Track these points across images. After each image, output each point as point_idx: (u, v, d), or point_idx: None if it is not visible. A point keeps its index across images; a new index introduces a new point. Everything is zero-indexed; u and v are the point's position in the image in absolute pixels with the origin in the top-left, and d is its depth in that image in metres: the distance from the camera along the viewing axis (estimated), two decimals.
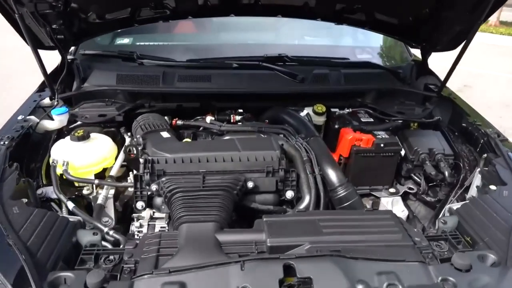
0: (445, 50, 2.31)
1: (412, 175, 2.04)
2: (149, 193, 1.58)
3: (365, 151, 1.94)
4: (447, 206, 1.56)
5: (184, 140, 1.89)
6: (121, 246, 1.33)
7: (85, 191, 1.75)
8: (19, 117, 1.90)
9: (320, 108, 2.20)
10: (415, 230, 1.40)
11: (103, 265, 1.24)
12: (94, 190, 1.76)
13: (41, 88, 2.23)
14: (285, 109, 2.10)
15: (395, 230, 1.32)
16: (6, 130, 1.80)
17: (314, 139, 1.84)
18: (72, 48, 2.44)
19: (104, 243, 1.37)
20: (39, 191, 1.70)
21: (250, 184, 1.58)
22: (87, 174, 1.78)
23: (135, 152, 1.70)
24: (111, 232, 1.43)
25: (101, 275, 1.12)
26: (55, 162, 1.73)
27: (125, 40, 2.50)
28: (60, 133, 2.00)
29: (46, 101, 2.15)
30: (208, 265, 1.16)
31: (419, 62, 2.54)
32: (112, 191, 1.76)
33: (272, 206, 1.63)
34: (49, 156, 1.81)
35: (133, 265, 1.21)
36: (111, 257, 1.27)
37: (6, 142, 1.66)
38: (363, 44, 2.65)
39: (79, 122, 2.04)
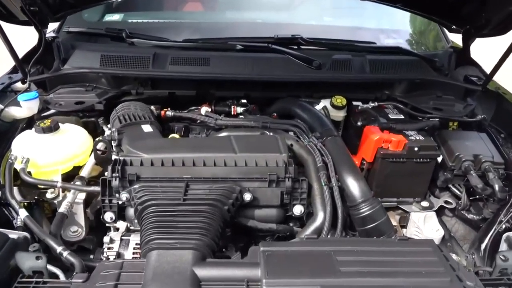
0: (493, 35, 1.89)
1: (451, 186, 1.66)
2: (120, 202, 1.25)
3: (394, 155, 1.56)
4: (505, 235, 1.18)
5: (170, 136, 1.55)
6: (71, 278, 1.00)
7: (48, 195, 1.44)
8: None
9: (340, 100, 1.83)
10: (466, 269, 1.04)
11: None
12: (61, 194, 1.44)
13: (15, 70, 1.92)
14: (297, 101, 1.74)
15: (440, 271, 0.96)
16: None
17: (332, 139, 1.48)
18: (56, 26, 2.15)
19: (53, 269, 1.05)
20: None
21: (247, 196, 1.23)
22: (52, 174, 1.46)
23: (105, 149, 1.36)
24: (65, 254, 1.12)
25: None
26: (12, 158, 1.42)
27: (115, 17, 2.16)
28: (31, 123, 1.69)
29: (19, 85, 1.85)
30: None
31: (459, 50, 2.13)
32: (82, 196, 1.44)
33: (276, 224, 1.28)
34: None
35: None
36: None
37: None
38: (390, 27, 2.25)
39: (52, 110, 1.72)
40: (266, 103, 1.86)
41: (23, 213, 1.26)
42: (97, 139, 1.39)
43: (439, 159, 1.66)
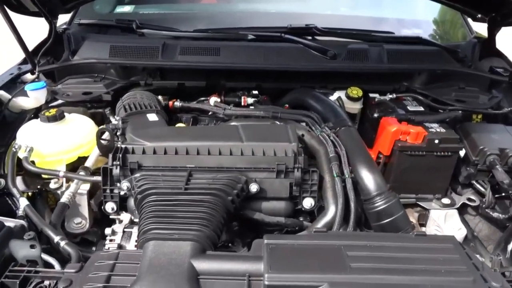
0: None
1: (474, 182, 1.55)
2: (121, 192, 1.21)
3: (413, 148, 1.47)
4: None
5: (177, 125, 1.49)
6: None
7: (52, 185, 1.41)
8: None
9: (356, 92, 1.74)
10: (491, 269, 0.94)
11: None
12: (64, 184, 1.41)
13: (25, 61, 1.91)
14: (310, 91, 1.66)
15: (462, 270, 0.87)
16: None
17: (345, 129, 1.39)
18: (69, 17, 2.14)
19: (48, 258, 1.01)
20: None
21: (253, 187, 1.16)
22: (57, 164, 1.43)
23: (108, 137, 1.31)
24: (62, 244, 1.07)
25: None
26: (16, 147, 1.39)
27: (126, 8, 2.14)
28: (38, 113, 1.67)
29: (29, 76, 1.84)
30: None
31: (483, 40, 2.01)
32: (85, 186, 1.40)
33: (284, 218, 1.21)
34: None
35: None
36: (46, 282, 0.90)
37: None
38: (411, 17, 2.14)
39: (59, 101, 1.70)
40: (279, 94, 1.79)
41: (23, 202, 1.23)
42: (100, 127, 1.34)
43: (462, 153, 1.56)
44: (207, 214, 1.02)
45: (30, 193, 1.43)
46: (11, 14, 1.64)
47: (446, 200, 1.56)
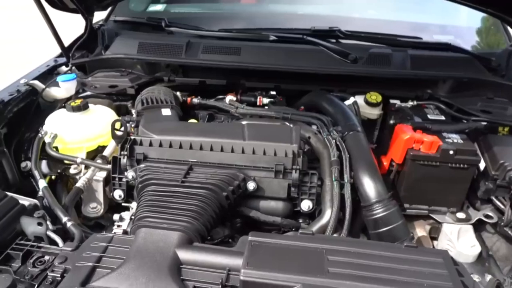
0: None
1: (493, 198, 1.47)
2: (127, 180, 1.27)
3: (426, 158, 1.42)
4: None
5: (189, 121, 1.54)
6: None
7: (72, 170, 1.50)
8: (22, 81, 1.72)
9: (374, 97, 1.71)
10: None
11: (30, 267, 0.95)
12: (83, 170, 1.50)
13: (62, 54, 2.06)
14: (325, 94, 1.65)
15: (446, 286, 0.84)
16: (1, 92, 1.63)
17: (353, 134, 1.37)
18: (106, 15, 2.27)
19: (54, 236, 1.09)
20: (23, 164, 1.51)
21: (251, 185, 1.18)
22: (78, 151, 1.53)
23: (122, 128, 1.39)
24: (68, 224, 1.15)
25: (6, 282, 0.84)
26: (42, 133, 1.51)
27: (158, 7, 2.23)
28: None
29: (64, 68, 1.98)
30: None
31: None
32: (102, 174, 1.49)
33: (281, 218, 1.22)
34: None
35: (59, 275, 0.90)
36: (46, 257, 0.98)
37: None
38: (442, 22, 2.06)
39: (88, 92, 1.81)
40: (297, 96, 1.80)
41: (42, 184, 1.33)
42: (115, 119, 1.42)
43: (482, 166, 1.48)
44: (199, 207, 1.05)
45: (53, 177, 1.54)
46: (49, 11, 1.76)
47: (461, 215, 1.50)
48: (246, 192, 1.19)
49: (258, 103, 1.70)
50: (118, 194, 1.30)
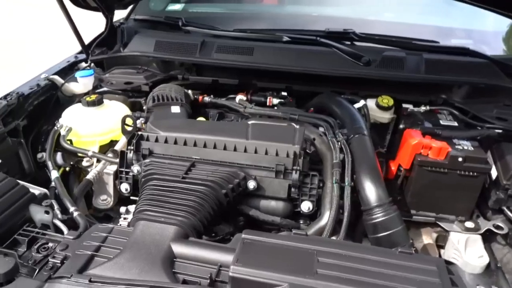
0: None
1: (505, 208, 1.42)
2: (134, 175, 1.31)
3: (434, 164, 1.39)
4: None
5: (198, 119, 1.57)
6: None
7: (84, 163, 1.56)
8: (42, 76, 1.80)
9: (386, 101, 1.69)
10: None
11: (34, 252, 1.00)
12: (95, 164, 1.56)
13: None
14: (334, 97, 1.64)
15: None
16: (22, 86, 1.71)
17: (359, 137, 1.36)
18: (127, 13, 2.33)
19: (60, 224, 1.13)
20: (39, 155, 1.57)
21: (251, 184, 1.20)
22: (91, 144, 1.58)
23: (131, 123, 1.43)
24: (75, 214, 1.20)
25: (8, 264, 0.89)
26: (58, 126, 1.57)
27: (177, 6, 2.27)
28: None
29: (84, 64, 2.05)
30: (139, 285, 0.84)
31: None
32: (112, 167, 1.53)
33: (280, 218, 1.23)
34: None
35: (59, 261, 0.95)
36: (50, 244, 1.03)
37: (11, 99, 1.55)
38: (463, 26, 2.00)
39: (104, 88, 1.87)
40: (308, 97, 1.79)
41: (54, 174, 1.39)
42: (125, 115, 1.46)
43: (494, 175, 1.44)
44: (197, 203, 1.08)
45: (67, 169, 1.61)
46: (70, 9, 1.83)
47: (469, 224, 1.46)
48: (246, 190, 1.21)
49: (268, 104, 1.71)
50: (124, 187, 1.34)
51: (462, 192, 1.42)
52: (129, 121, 1.46)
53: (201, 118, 1.58)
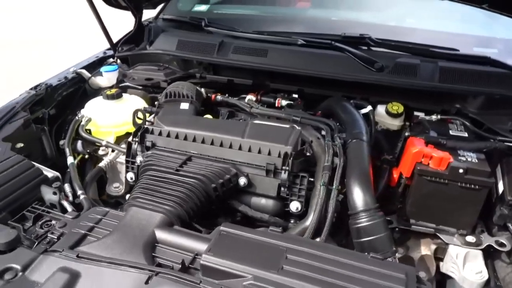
0: None
1: (510, 225, 1.37)
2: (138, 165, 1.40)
3: (434, 174, 1.37)
4: None
5: (205, 116, 1.64)
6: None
7: (100, 152, 1.68)
8: (71, 69, 1.95)
9: (396, 107, 1.67)
10: None
11: (37, 228, 1.11)
12: (110, 153, 1.67)
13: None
14: (341, 101, 1.65)
15: None
16: (52, 78, 1.86)
17: (356, 142, 1.37)
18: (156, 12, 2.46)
19: (67, 205, 1.24)
20: (61, 142, 1.71)
21: (242, 181, 1.25)
22: (107, 135, 1.70)
23: (142, 117, 1.52)
24: (81, 197, 1.31)
25: (11, 235, 1.00)
26: (79, 116, 1.70)
27: (202, 7, 2.36)
28: None
29: (111, 60, 2.19)
30: (118, 264, 0.92)
31: None
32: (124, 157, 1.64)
33: (268, 215, 1.26)
34: None
35: (56, 237, 1.05)
36: (53, 222, 1.14)
37: (40, 89, 1.70)
38: (487, 34, 1.93)
39: (127, 83, 1.99)
40: (319, 100, 1.81)
41: (69, 160, 1.51)
42: (136, 109, 1.56)
43: (501, 189, 1.39)
44: (185, 194, 1.14)
45: (86, 156, 1.74)
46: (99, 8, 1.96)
47: (470, 238, 1.42)
48: (238, 186, 1.26)
49: (276, 105, 1.75)
50: (130, 176, 1.43)
51: (463, 204, 1.38)
52: (140, 114, 1.55)
53: (208, 116, 1.65)
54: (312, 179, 1.26)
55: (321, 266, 0.91)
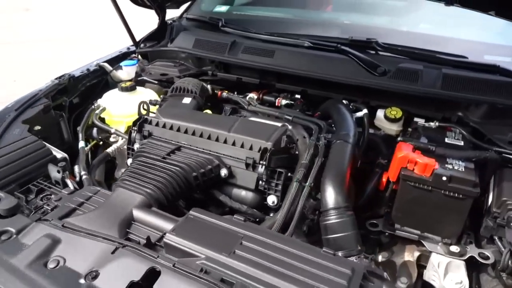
0: None
1: (496, 238, 1.34)
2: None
3: (418, 180, 1.37)
4: None
5: (204, 111, 1.73)
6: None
7: (111, 139, 1.82)
8: (94, 62, 2.13)
9: (394, 112, 1.67)
10: None
11: (38, 199, 1.26)
12: (120, 140, 1.82)
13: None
14: (337, 103, 1.68)
15: None
16: (76, 70, 2.04)
17: (340, 143, 1.40)
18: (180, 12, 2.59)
19: (69, 183, 1.39)
20: (78, 128, 1.87)
21: (222, 172, 1.32)
22: (119, 124, 1.85)
23: (147, 108, 1.64)
24: (84, 177, 1.45)
25: (12, 203, 1.14)
26: (95, 105, 1.86)
27: (222, 8, 2.46)
28: None
29: (133, 55, 2.35)
30: (94, 235, 1.04)
31: None
32: None
33: (246, 207, 1.33)
34: None
35: (50, 208, 1.19)
36: (52, 196, 1.28)
37: (63, 79, 1.88)
38: (503, 42, 1.86)
39: (143, 77, 2.14)
40: (321, 102, 1.84)
41: (80, 144, 1.67)
42: (141, 101, 1.69)
43: (490, 201, 1.36)
44: (166, 180, 1.24)
45: (101, 142, 1.89)
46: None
47: (454, 248, 1.40)
48: (219, 177, 1.34)
49: (276, 104, 1.81)
50: (130, 161, 1.55)
51: (447, 213, 1.37)
52: (146, 106, 1.68)
53: (207, 111, 1.74)
54: (291, 175, 1.31)
55: (271, 254, 0.97)
